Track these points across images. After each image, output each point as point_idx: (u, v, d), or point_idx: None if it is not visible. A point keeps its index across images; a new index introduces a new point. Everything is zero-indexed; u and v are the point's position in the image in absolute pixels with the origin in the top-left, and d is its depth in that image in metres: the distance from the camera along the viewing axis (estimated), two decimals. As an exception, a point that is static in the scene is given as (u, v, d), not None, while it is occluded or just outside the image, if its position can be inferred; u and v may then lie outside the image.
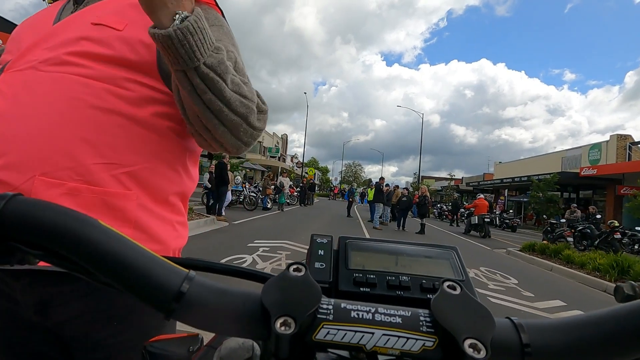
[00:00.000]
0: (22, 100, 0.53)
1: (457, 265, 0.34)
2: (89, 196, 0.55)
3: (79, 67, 0.56)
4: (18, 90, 0.53)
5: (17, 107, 0.53)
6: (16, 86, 0.54)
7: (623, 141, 18.50)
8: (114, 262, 0.24)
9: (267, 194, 12.93)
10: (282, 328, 0.22)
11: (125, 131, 0.57)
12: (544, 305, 4.07)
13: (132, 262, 0.25)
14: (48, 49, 0.56)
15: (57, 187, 0.53)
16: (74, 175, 0.54)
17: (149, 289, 0.24)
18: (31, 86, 0.53)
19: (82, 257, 0.25)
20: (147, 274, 0.24)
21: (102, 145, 0.56)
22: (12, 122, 0.52)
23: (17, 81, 0.54)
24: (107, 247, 0.25)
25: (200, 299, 0.24)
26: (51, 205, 0.26)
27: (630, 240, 9.46)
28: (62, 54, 0.56)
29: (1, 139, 0.51)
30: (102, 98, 0.56)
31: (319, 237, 0.35)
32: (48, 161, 0.53)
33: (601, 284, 5.40)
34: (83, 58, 0.56)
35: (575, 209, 13.07)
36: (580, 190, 21.06)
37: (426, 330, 0.24)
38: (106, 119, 0.56)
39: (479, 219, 12.10)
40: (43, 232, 0.25)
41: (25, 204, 0.26)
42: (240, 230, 7.19)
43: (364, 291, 0.31)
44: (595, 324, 0.24)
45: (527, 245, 8.37)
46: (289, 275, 0.25)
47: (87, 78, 0.56)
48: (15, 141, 0.52)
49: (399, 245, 0.35)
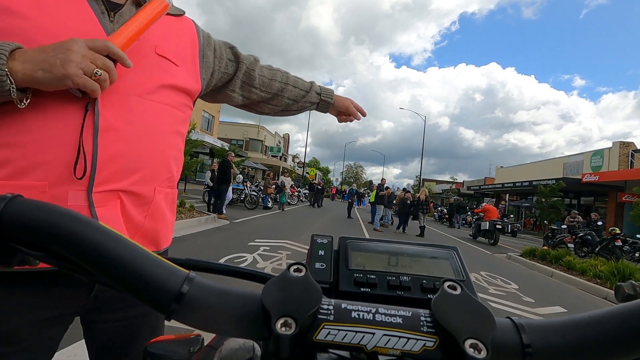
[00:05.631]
0: (136, 125, 0.62)
1: (458, 266, 0.34)
2: (171, 197, 0.73)
3: (163, 97, 0.67)
4: (130, 116, 0.62)
5: (135, 131, 0.62)
6: (128, 111, 0.62)
7: (626, 148, 18.43)
8: (114, 263, 0.24)
9: (268, 193, 12.95)
10: (282, 329, 0.22)
11: (181, 144, 0.75)
12: (544, 311, 4.07)
13: (132, 263, 0.24)
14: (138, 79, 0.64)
15: (162, 193, 0.69)
16: (168, 183, 0.71)
17: (149, 290, 0.24)
18: (139, 113, 0.63)
19: (82, 258, 0.25)
20: (147, 275, 0.24)
21: (177, 158, 0.73)
22: (137, 143, 0.62)
23: (126, 106, 0.62)
24: (107, 248, 0.25)
25: (200, 300, 0.24)
26: (51, 207, 0.26)
27: (632, 248, 9.41)
28: (153, 86, 0.65)
29: (135, 157, 0.62)
30: (177, 122, 0.71)
31: (319, 237, 0.35)
32: (160, 174, 0.68)
33: (602, 291, 5.37)
34: (164, 89, 0.67)
35: (576, 215, 13.02)
36: (582, 196, 20.98)
37: (427, 330, 0.24)
38: (178, 139, 0.72)
39: (490, 225, 11.44)
40: (43, 233, 0.25)
41: (25, 205, 0.26)
42: (241, 229, 7.20)
43: (364, 291, 0.31)
44: (596, 323, 0.24)
45: (527, 250, 8.34)
46: (290, 275, 0.25)
47: (169, 106, 0.68)
48: (142, 159, 0.63)
49: (400, 246, 0.35)
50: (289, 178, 15.23)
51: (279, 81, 0.98)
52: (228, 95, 0.92)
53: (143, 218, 0.65)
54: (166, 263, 0.25)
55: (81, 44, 0.53)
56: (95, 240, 0.25)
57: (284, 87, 0.98)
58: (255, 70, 0.93)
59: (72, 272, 0.27)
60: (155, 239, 0.69)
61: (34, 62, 0.51)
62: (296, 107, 1.04)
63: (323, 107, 1.07)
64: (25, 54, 0.51)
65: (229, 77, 0.90)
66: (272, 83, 0.97)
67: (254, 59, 0.94)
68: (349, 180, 76.20)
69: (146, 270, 0.24)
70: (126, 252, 0.25)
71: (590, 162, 19.91)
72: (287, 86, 0.99)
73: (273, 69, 0.99)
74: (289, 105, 1.02)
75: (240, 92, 0.93)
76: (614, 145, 18.86)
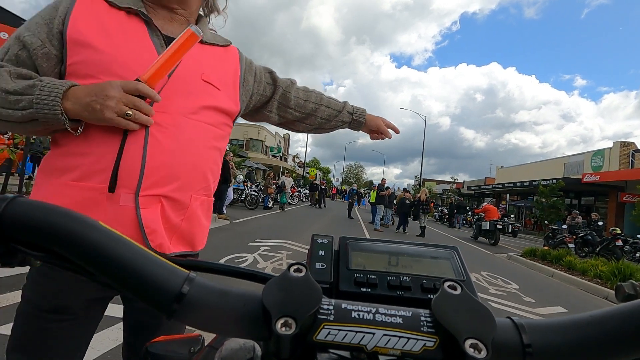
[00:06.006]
0: (180, 140, 0.73)
1: (458, 265, 0.33)
2: (207, 204, 0.82)
3: (205, 117, 0.78)
4: (175, 133, 0.72)
5: (179, 145, 0.73)
6: (174, 128, 0.72)
7: (626, 148, 18.41)
8: (114, 263, 0.24)
9: (268, 193, 12.95)
10: (282, 329, 0.22)
11: (219, 158, 0.84)
12: (545, 311, 4.07)
13: (132, 263, 0.24)
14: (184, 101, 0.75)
15: (198, 200, 0.78)
16: (204, 192, 0.80)
17: (150, 291, 0.24)
18: (183, 130, 0.73)
19: (82, 258, 0.25)
20: (147, 276, 0.24)
21: (214, 171, 0.83)
22: (179, 156, 0.73)
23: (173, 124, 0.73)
24: (107, 248, 0.25)
25: (200, 300, 0.24)
26: (50, 207, 0.26)
27: (632, 248, 9.39)
28: (197, 107, 0.76)
29: (176, 168, 0.72)
30: (216, 138, 0.81)
31: (320, 237, 0.35)
32: (197, 184, 0.77)
33: (603, 291, 5.37)
34: (207, 110, 0.78)
35: (576, 215, 13.01)
36: (582, 196, 20.97)
37: (427, 330, 0.24)
38: (215, 153, 0.82)
39: (491, 225, 11.45)
40: (42, 233, 0.25)
41: (26, 205, 0.26)
42: (242, 229, 7.20)
43: (364, 291, 0.31)
44: (596, 323, 0.24)
45: (528, 250, 8.34)
46: (290, 275, 0.25)
47: (210, 125, 0.79)
48: (182, 170, 0.73)
49: (400, 246, 0.35)
50: (290, 178, 15.23)
51: (312, 102, 1.07)
52: (266, 115, 1.03)
53: (180, 221, 0.75)
54: (166, 263, 0.25)
55: (117, 88, 0.64)
56: (95, 240, 0.25)
57: (317, 108, 1.07)
58: (291, 92, 1.03)
59: (73, 272, 0.27)
60: (191, 240, 0.79)
61: (80, 104, 0.64)
62: (329, 125, 1.12)
63: (355, 126, 1.14)
64: (75, 95, 0.64)
65: (266, 99, 1.00)
66: (306, 104, 1.06)
67: (291, 82, 1.04)
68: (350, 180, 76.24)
69: (146, 271, 0.24)
70: (127, 252, 0.25)
71: (590, 162, 19.89)
72: (320, 107, 1.08)
73: (308, 91, 1.08)
74: (322, 124, 1.11)
75: (276, 112, 1.04)
76: (615, 145, 18.85)
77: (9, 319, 2.17)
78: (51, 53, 0.69)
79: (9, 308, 2.34)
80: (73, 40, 0.68)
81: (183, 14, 0.82)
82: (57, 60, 0.70)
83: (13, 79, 0.65)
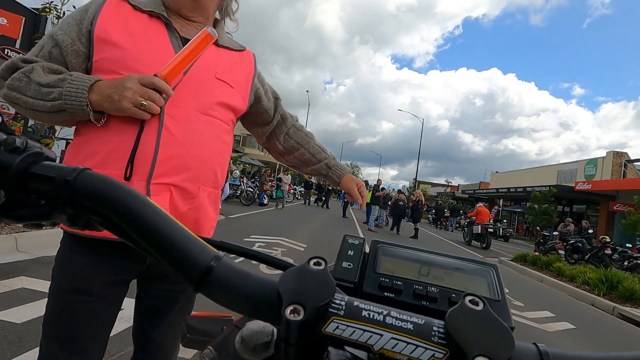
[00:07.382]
0: (192, 134, 0.78)
1: (495, 284, 0.32)
2: (214, 196, 0.87)
3: (216, 112, 0.83)
4: (188, 126, 0.78)
5: (190, 139, 0.77)
6: (187, 122, 0.77)
7: (619, 158, 18.63)
8: (155, 235, 0.27)
9: (264, 190, 12.91)
10: (291, 315, 0.23)
11: (227, 153, 0.88)
12: (533, 315, 4.12)
13: (171, 236, 0.27)
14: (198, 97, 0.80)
15: (206, 192, 0.83)
16: (212, 184, 0.84)
17: (182, 262, 0.26)
18: (195, 125, 0.79)
19: (130, 227, 0.28)
20: (182, 249, 0.27)
21: (222, 165, 0.87)
22: (190, 148, 0.77)
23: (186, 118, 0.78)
24: (152, 220, 0.27)
25: (224, 278, 0.26)
26: (112, 181, 0.29)
27: (621, 256, 9.53)
28: (209, 103, 0.81)
29: (187, 159, 0.77)
30: (224, 133, 0.86)
31: (351, 238, 0.36)
32: (204, 176, 0.81)
33: (590, 297, 5.46)
34: (219, 106, 0.84)
35: (569, 223, 13.16)
36: (574, 204, 21.18)
37: (437, 341, 0.23)
38: (224, 147, 0.86)
39: (482, 229, 11.55)
40: (103, 202, 0.28)
41: (92, 177, 0.29)
42: (237, 225, 7.20)
43: (387, 296, 0.31)
44: None
45: (519, 255, 8.43)
46: (308, 267, 0.26)
47: (219, 120, 0.84)
48: (192, 162, 0.78)
49: (434, 257, 0.35)
50: (288, 176, 15.20)
51: (296, 141, 1.11)
52: (258, 132, 1.10)
53: (187, 209, 0.80)
54: (199, 241, 0.28)
55: (135, 80, 0.70)
56: (142, 212, 0.28)
57: (298, 149, 1.11)
58: (284, 125, 1.09)
59: (122, 237, 0.31)
60: (197, 229, 0.83)
61: (102, 95, 0.70)
62: (306, 170, 1.15)
63: (331, 181, 1.16)
64: (99, 88, 0.70)
65: (264, 121, 1.07)
66: (289, 140, 1.11)
67: (290, 115, 1.11)
68: (345, 179, 75.88)
69: (182, 244, 0.27)
70: (167, 226, 0.27)
71: (584, 171, 20.08)
72: (301, 148, 1.11)
73: (300, 130, 1.12)
74: (299, 166, 1.14)
75: (265, 136, 1.10)
76: (608, 154, 19.05)
77: (6, 305, 2.17)
78: (80, 50, 0.75)
79: (7, 294, 2.34)
80: (99, 39, 0.75)
81: (200, 20, 0.89)
82: (85, 57, 0.76)
83: (46, 73, 0.72)
